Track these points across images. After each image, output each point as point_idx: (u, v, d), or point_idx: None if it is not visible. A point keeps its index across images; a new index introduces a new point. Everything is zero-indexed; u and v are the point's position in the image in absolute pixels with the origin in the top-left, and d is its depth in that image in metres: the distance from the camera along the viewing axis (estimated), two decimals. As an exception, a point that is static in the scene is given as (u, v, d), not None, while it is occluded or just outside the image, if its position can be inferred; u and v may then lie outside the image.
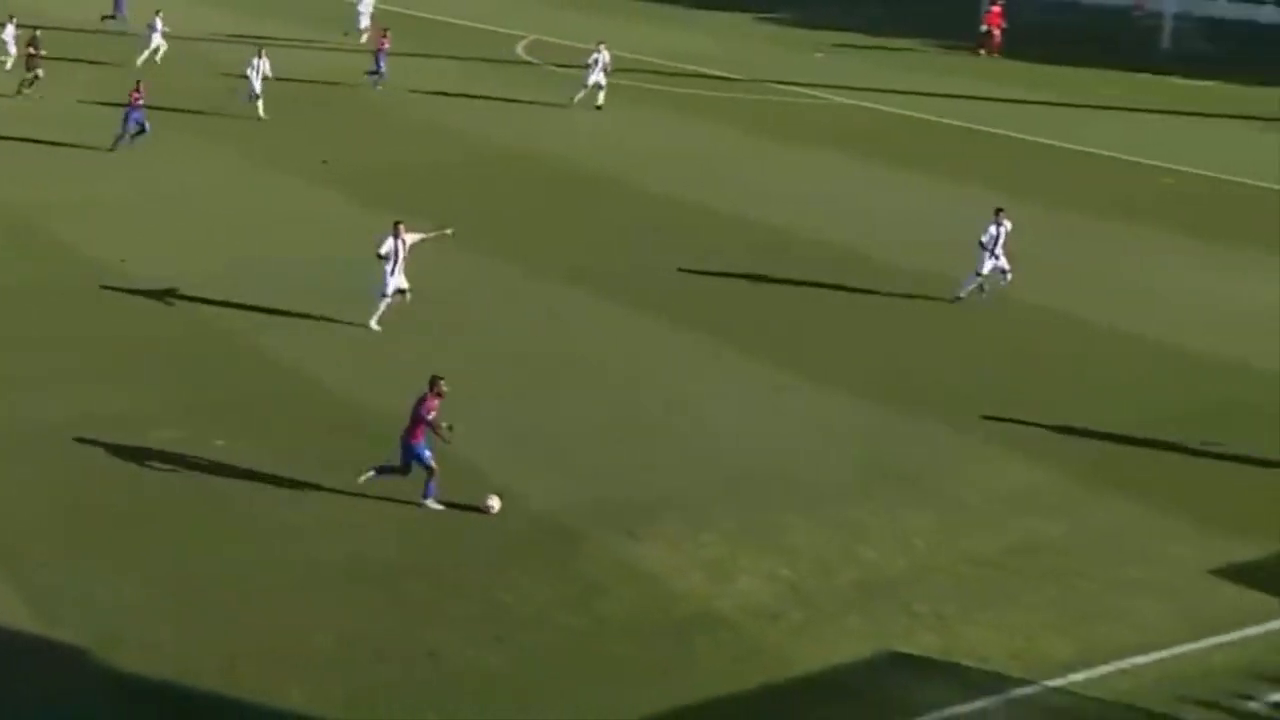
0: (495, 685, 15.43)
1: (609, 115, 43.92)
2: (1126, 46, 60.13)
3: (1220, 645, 16.49)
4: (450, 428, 18.80)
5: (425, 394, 18.84)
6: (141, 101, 36.80)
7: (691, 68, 51.35)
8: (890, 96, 48.08)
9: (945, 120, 45.05)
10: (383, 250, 24.85)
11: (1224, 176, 39.06)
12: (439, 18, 58.86)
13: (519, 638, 16.28)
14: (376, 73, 46.19)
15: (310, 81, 44.78)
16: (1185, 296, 28.82)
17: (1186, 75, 53.95)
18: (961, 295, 27.64)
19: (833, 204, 34.80)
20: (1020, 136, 42.99)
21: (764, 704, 15.28)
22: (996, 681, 15.64)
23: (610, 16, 60.75)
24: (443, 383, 18.87)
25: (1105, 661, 16.07)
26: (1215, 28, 63.01)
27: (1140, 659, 16.16)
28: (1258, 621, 16.97)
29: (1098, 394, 23.63)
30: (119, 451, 20.43)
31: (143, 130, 36.76)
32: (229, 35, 53.67)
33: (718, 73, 51.48)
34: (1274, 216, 35.59)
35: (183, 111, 38.03)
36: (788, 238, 31.83)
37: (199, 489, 19.50)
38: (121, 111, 37.09)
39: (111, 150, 36.66)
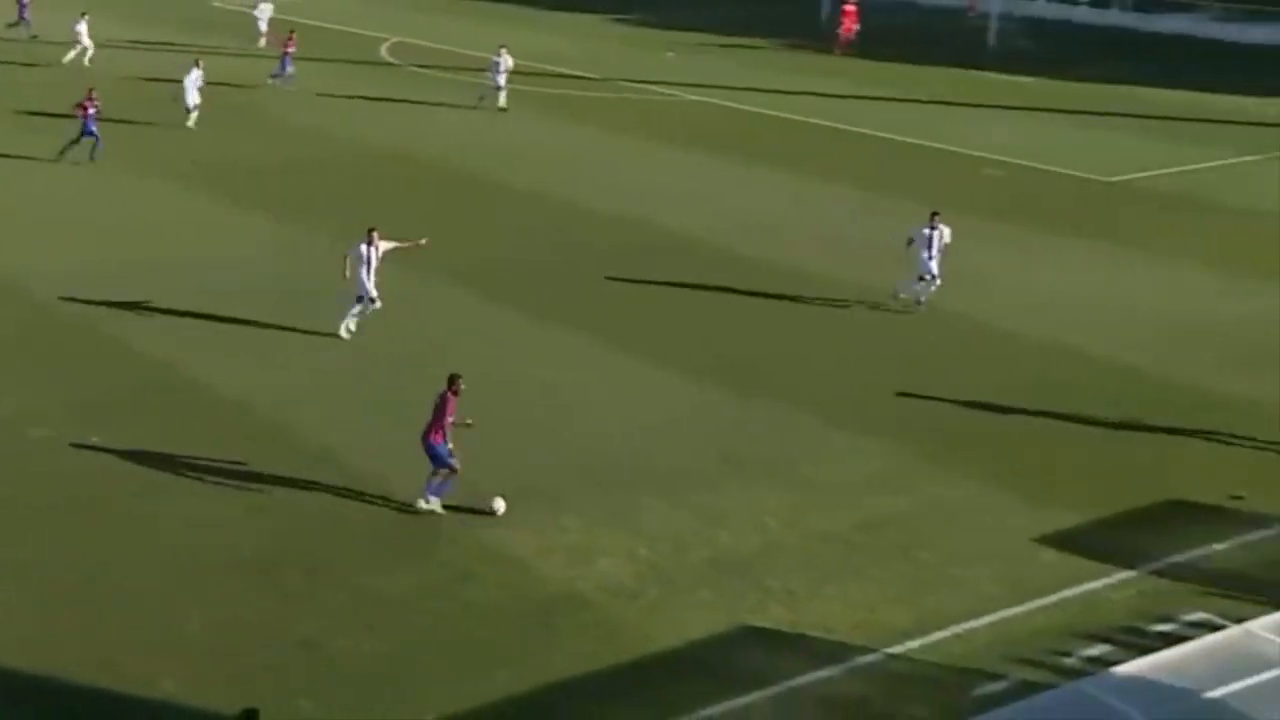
0: (368, 671, 15.27)
1: (477, 115, 43.61)
2: (960, 45, 61.11)
3: (1042, 607, 16.96)
4: (469, 423, 18.45)
5: (445, 393, 18.36)
6: (93, 111, 35.08)
7: (551, 68, 51.01)
8: (746, 95, 48.26)
9: (800, 117, 45.26)
10: (351, 258, 24.04)
11: (1053, 169, 39.76)
12: (305, 21, 57.71)
13: (389, 624, 16.15)
14: (281, 75, 45.45)
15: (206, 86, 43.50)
16: (1044, 289, 29.04)
17: (1010, 72, 54.97)
18: (921, 301, 26.85)
19: (701, 201, 34.64)
20: (881, 135, 43.26)
21: (624, 680, 15.34)
22: (840, 651, 15.89)
23: (467, 18, 60.23)
24: (460, 381, 18.43)
25: (941, 628, 16.41)
26: (1035, 26, 64.38)
27: (972, 624, 16.54)
28: (1075, 584, 17.48)
29: (946, 380, 23.84)
30: (-8, 452, 19.83)
31: (95, 139, 35.07)
32: (128, 42, 52.17)
33: (577, 73, 51.24)
34: (1098, 207, 36.39)
35: (70, 117, 36.63)
36: (656, 234, 31.69)
37: (73, 486, 19.01)
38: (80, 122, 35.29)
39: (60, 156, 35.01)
